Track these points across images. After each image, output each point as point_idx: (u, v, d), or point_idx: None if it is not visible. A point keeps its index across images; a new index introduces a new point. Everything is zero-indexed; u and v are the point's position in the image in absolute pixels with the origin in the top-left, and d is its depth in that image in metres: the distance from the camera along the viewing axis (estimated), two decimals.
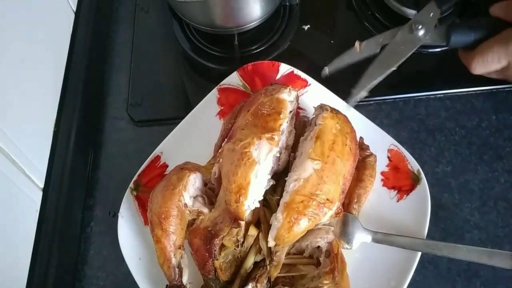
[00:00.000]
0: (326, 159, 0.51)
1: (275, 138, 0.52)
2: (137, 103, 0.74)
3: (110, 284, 0.63)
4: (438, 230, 0.62)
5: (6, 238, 0.54)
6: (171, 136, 0.65)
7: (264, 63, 0.69)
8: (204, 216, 0.55)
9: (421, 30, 0.54)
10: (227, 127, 0.60)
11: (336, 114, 0.55)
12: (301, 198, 0.50)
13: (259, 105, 0.56)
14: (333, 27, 0.80)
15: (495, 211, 0.63)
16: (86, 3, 0.78)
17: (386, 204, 0.60)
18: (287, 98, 0.56)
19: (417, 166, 0.60)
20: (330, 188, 0.51)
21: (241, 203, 0.51)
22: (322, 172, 0.51)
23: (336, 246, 0.53)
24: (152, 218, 0.55)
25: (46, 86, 0.66)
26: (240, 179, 0.51)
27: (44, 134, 0.64)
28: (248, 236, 0.54)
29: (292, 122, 0.59)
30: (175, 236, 0.54)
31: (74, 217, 0.65)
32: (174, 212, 0.54)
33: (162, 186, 0.56)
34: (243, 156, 0.51)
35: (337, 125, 0.54)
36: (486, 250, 0.52)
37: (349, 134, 0.55)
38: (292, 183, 0.51)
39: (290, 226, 0.50)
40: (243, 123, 0.55)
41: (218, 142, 0.62)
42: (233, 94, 0.68)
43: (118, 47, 0.81)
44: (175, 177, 0.55)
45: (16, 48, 0.58)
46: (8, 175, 0.54)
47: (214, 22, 0.72)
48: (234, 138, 0.54)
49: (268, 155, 0.52)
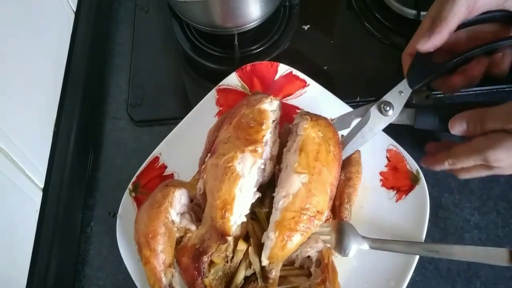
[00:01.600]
0: (312, 170, 0.51)
1: (258, 150, 0.52)
2: (137, 103, 0.74)
3: (110, 284, 0.63)
4: (438, 230, 0.62)
5: (6, 238, 0.54)
6: (170, 137, 0.65)
7: (263, 63, 0.69)
8: (191, 233, 0.54)
9: (389, 110, 0.56)
10: (211, 139, 0.59)
11: (316, 121, 0.55)
12: (291, 215, 0.49)
13: (241, 117, 0.55)
14: (333, 27, 0.80)
15: (495, 211, 0.63)
16: (86, 3, 0.78)
17: (385, 204, 0.60)
18: (269, 108, 0.56)
19: (416, 166, 0.60)
20: (319, 200, 0.50)
21: (227, 219, 0.50)
22: (310, 185, 0.50)
23: (326, 255, 0.52)
24: (139, 239, 0.53)
25: (46, 86, 0.66)
26: (224, 195, 0.50)
27: (44, 134, 0.64)
28: (237, 251, 0.53)
29: (276, 131, 0.58)
30: (164, 255, 0.52)
31: (74, 217, 0.65)
32: (162, 230, 0.52)
33: (147, 206, 0.55)
34: (226, 171, 0.50)
35: (319, 132, 0.53)
36: (482, 248, 0.52)
37: (332, 139, 0.54)
38: (281, 200, 0.50)
39: (283, 244, 0.49)
40: (225, 137, 0.54)
41: (202, 156, 0.61)
42: (231, 95, 0.68)
43: (118, 47, 0.81)
44: (160, 194, 0.54)
45: (16, 48, 0.58)
46: (8, 175, 0.54)
47: (214, 22, 0.72)
48: (217, 153, 0.53)
49: (252, 168, 0.51)
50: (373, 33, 0.77)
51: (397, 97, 0.56)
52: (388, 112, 0.56)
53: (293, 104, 0.67)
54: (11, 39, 0.57)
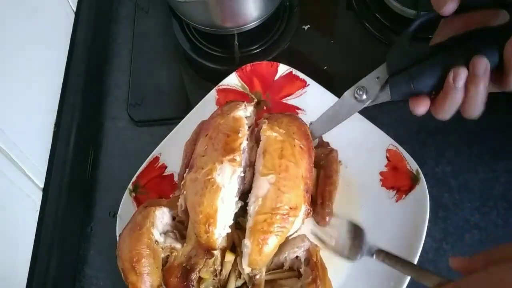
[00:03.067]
0: (279, 168, 0.50)
1: (236, 159, 0.51)
2: (137, 103, 0.74)
3: (110, 284, 0.63)
4: (438, 230, 0.62)
5: (6, 238, 0.54)
6: (170, 137, 0.65)
7: (263, 63, 0.69)
8: (177, 252, 0.52)
9: (363, 95, 0.54)
10: (188, 153, 0.58)
11: (276, 120, 0.54)
12: (263, 218, 0.48)
13: (216, 127, 0.54)
14: (333, 27, 0.80)
15: (495, 211, 0.63)
16: (86, 3, 0.78)
17: (385, 204, 0.60)
18: (244, 114, 0.55)
19: (416, 166, 0.60)
20: (291, 196, 0.50)
21: (211, 233, 0.49)
22: (278, 184, 0.49)
23: (314, 253, 0.51)
24: (124, 265, 0.51)
25: (46, 86, 0.66)
26: (206, 208, 0.49)
27: (44, 134, 0.64)
28: (226, 263, 0.52)
29: (252, 137, 0.57)
30: (151, 278, 0.51)
31: (74, 217, 0.65)
32: (146, 253, 0.51)
33: (128, 230, 0.53)
34: (206, 184, 0.49)
35: (280, 130, 0.53)
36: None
37: (296, 133, 0.54)
38: (252, 206, 0.50)
39: (259, 248, 0.48)
40: (202, 150, 0.53)
41: (181, 172, 0.60)
42: (231, 95, 0.68)
43: (118, 47, 0.81)
44: (140, 216, 0.53)
45: (16, 48, 0.58)
46: (8, 175, 0.54)
47: (214, 22, 0.72)
48: (195, 167, 0.52)
49: (232, 177, 0.50)
50: (373, 33, 0.77)
51: (372, 82, 0.55)
52: (362, 96, 0.54)
53: (293, 104, 0.67)
54: (11, 39, 0.57)
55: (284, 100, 0.67)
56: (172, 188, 0.64)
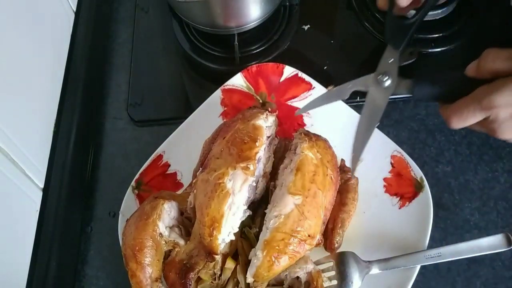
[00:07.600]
0: (307, 192, 0.50)
1: (250, 168, 0.50)
2: (137, 103, 0.74)
3: (110, 284, 0.63)
4: (438, 230, 0.62)
5: (6, 238, 0.54)
6: (174, 135, 0.65)
7: (269, 65, 0.69)
8: (179, 248, 0.52)
9: (387, 80, 0.53)
10: (206, 151, 0.58)
11: (315, 141, 0.54)
12: (282, 236, 0.48)
13: (235, 132, 0.53)
14: (333, 27, 0.80)
15: (495, 211, 0.63)
16: (86, 3, 0.78)
17: (387, 211, 0.59)
18: (264, 124, 0.55)
19: (420, 173, 0.60)
20: (312, 223, 0.50)
21: (214, 237, 0.49)
22: (303, 207, 0.49)
23: (316, 277, 0.51)
24: (126, 251, 0.52)
25: (46, 86, 0.66)
26: (213, 212, 0.49)
27: (44, 134, 0.64)
28: (225, 269, 0.52)
29: (270, 148, 0.57)
30: (151, 269, 0.51)
31: (74, 217, 0.65)
32: (149, 243, 0.51)
33: (135, 217, 0.53)
34: (216, 188, 0.49)
35: (317, 154, 0.53)
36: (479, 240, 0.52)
37: (330, 162, 0.53)
38: (273, 220, 0.49)
39: (270, 265, 0.48)
40: (218, 151, 0.53)
41: (196, 167, 0.60)
42: (236, 95, 0.68)
43: (118, 47, 0.81)
44: (149, 206, 0.53)
45: (16, 48, 0.58)
46: (8, 175, 0.54)
47: (214, 22, 0.72)
48: (208, 168, 0.52)
49: (243, 185, 0.50)
50: (373, 33, 0.77)
51: (389, 65, 0.54)
52: (386, 82, 0.52)
53: (298, 106, 0.67)
54: (11, 39, 0.57)
55: (289, 102, 0.67)
56: (175, 186, 0.64)
